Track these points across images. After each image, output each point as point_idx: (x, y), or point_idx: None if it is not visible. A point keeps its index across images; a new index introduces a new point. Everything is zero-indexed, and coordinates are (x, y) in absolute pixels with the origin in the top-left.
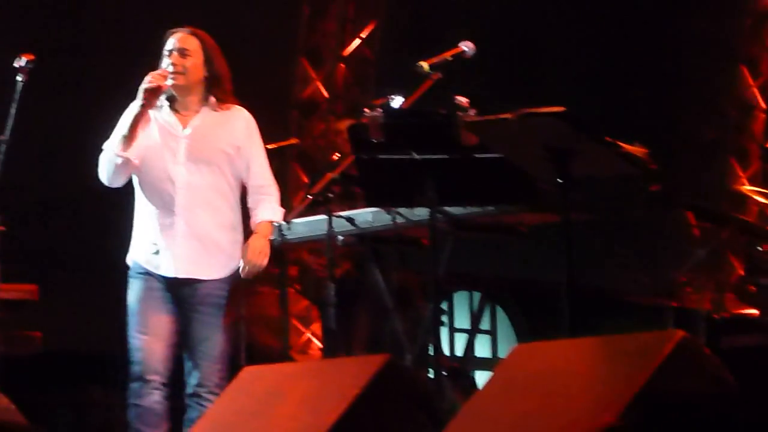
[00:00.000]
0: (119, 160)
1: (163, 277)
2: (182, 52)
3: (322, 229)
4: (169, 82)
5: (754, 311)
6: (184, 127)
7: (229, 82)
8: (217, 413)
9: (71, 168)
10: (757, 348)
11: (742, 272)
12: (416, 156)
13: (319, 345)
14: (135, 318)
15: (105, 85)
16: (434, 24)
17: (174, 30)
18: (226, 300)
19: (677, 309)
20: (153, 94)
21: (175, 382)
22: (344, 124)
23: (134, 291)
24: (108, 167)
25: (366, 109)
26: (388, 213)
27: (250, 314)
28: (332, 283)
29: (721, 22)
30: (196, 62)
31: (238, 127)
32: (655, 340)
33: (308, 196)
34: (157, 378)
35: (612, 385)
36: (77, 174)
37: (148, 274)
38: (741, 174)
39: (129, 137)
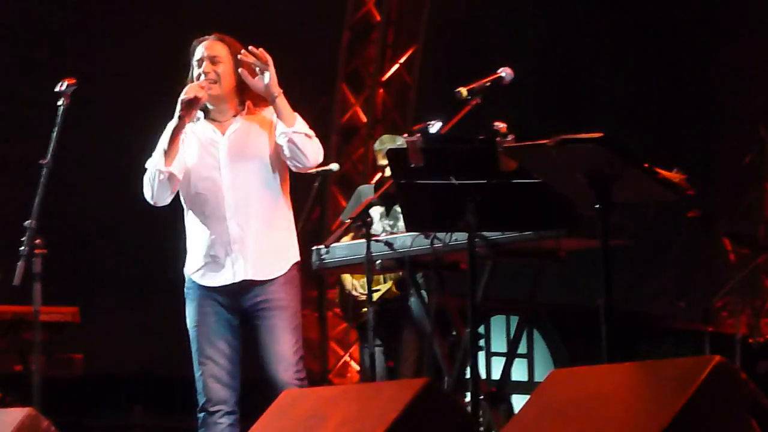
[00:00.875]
0: (163, 176)
1: (222, 288)
2: (213, 60)
3: (361, 253)
4: (205, 94)
5: None
6: (223, 133)
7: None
8: None
9: (110, 190)
10: None
11: None
12: (455, 181)
13: (357, 368)
14: (194, 345)
15: (143, 107)
16: (473, 50)
17: (200, 38)
18: (288, 299)
19: (713, 334)
20: (191, 105)
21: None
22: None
23: (190, 316)
24: (152, 184)
25: (405, 134)
26: (427, 237)
27: None
28: (371, 307)
29: (758, 47)
30: (227, 69)
31: (273, 119)
32: (693, 365)
33: (347, 219)
34: (222, 407)
35: (649, 410)
36: (116, 196)
37: (202, 292)
38: None
39: (170, 151)
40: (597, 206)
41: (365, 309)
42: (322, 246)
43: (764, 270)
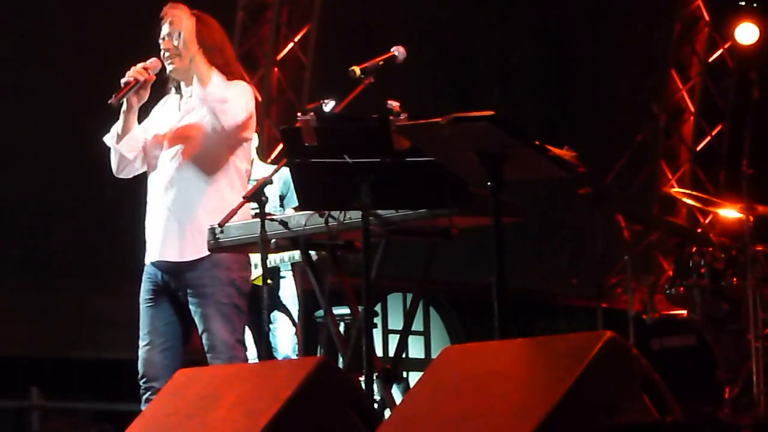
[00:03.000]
0: (113, 152)
1: (152, 267)
2: (171, 35)
3: (256, 232)
4: (170, 67)
5: (682, 312)
6: (179, 109)
7: (229, 52)
8: (151, 415)
9: (7, 174)
10: (685, 348)
11: (671, 273)
12: (349, 160)
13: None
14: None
15: (46, 98)
16: (367, 28)
17: (162, 13)
18: (217, 286)
19: (607, 310)
20: (132, 87)
21: None
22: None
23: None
24: (111, 158)
25: (299, 113)
26: (321, 216)
27: None
28: (265, 287)
29: (652, 27)
30: (186, 37)
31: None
32: (584, 340)
33: (242, 198)
34: (153, 384)
35: (542, 385)
36: (10, 174)
37: (147, 270)
38: (670, 177)
39: (118, 132)
40: (489, 184)
41: None
42: (216, 225)
43: (657, 246)
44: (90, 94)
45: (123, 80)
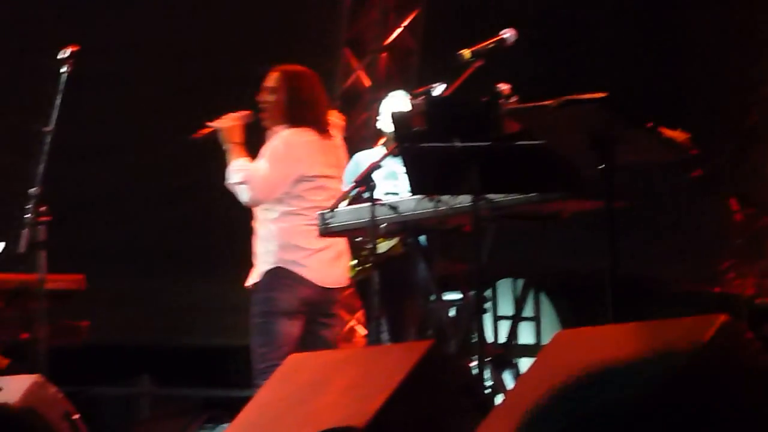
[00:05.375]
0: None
1: None
2: (267, 90)
3: (366, 217)
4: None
5: None
6: None
7: (304, 108)
8: (263, 400)
9: (114, 157)
10: None
11: None
12: (458, 144)
13: (363, 332)
14: None
15: (147, 75)
16: (476, 11)
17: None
18: (253, 308)
19: (720, 295)
20: (222, 132)
21: None
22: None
23: None
24: None
25: (409, 98)
26: (431, 201)
27: None
28: (376, 271)
29: (764, 7)
30: (278, 98)
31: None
32: (698, 324)
33: (353, 182)
34: None
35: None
36: (121, 163)
37: None
38: None
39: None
40: (600, 167)
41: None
42: (327, 210)
43: None
44: (191, 82)
45: (210, 123)
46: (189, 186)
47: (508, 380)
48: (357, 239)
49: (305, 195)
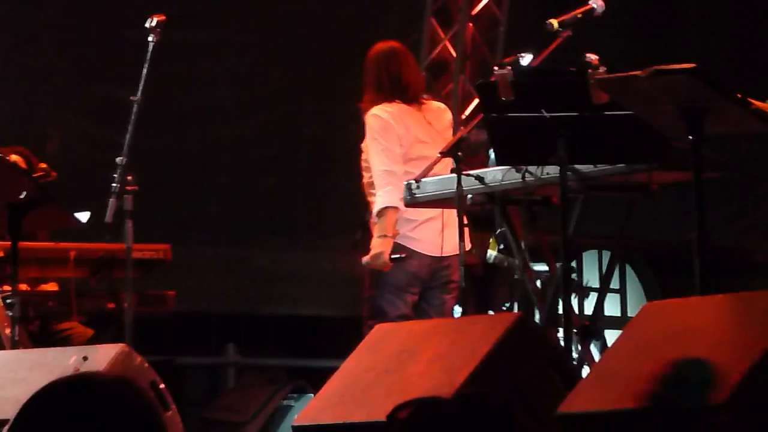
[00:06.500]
0: None
1: None
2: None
3: (452, 188)
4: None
5: None
6: None
7: (369, 89)
8: (350, 370)
9: (201, 127)
10: None
11: None
12: (546, 114)
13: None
14: None
15: (233, 46)
16: None
17: None
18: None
19: None
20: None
21: None
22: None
23: None
24: None
25: (495, 68)
26: (518, 171)
27: None
28: (461, 241)
29: None
30: (367, 80)
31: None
32: None
33: (438, 154)
34: None
35: (743, 342)
36: (207, 133)
37: None
38: None
39: None
40: (689, 138)
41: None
42: (413, 181)
43: None
44: (283, 51)
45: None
46: (276, 156)
47: (595, 352)
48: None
49: (406, 167)
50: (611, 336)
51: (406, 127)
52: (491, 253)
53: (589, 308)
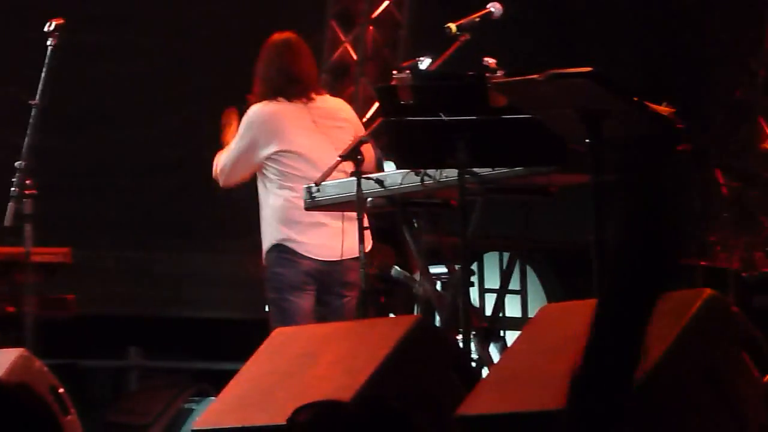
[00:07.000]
0: None
1: None
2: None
3: (352, 191)
4: None
5: None
6: None
7: (258, 82)
8: (251, 373)
9: (101, 131)
10: None
11: None
12: (445, 117)
13: None
14: None
15: (134, 48)
16: None
17: None
18: (267, 281)
19: (707, 268)
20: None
21: None
22: None
23: None
24: None
25: (395, 71)
26: (418, 175)
27: None
28: (362, 244)
29: None
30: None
31: None
32: (685, 298)
33: (338, 157)
34: None
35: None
36: (107, 136)
37: None
38: None
39: None
40: (587, 141)
41: None
42: (313, 184)
43: (757, 204)
44: (186, 54)
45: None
46: (178, 158)
47: (495, 353)
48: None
49: (288, 169)
50: (513, 338)
51: (282, 126)
52: (395, 268)
53: (489, 309)
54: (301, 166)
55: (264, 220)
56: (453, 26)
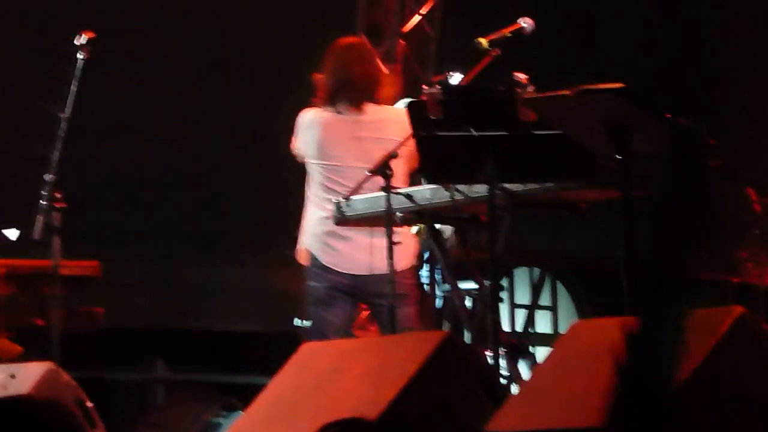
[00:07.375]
0: None
1: None
2: None
3: (382, 206)
4: None
5: None
6: None
7: (319, 87)
8: (277, 389)
9: (130, 143)
10: None
11: None
12: (475, 133)
13: None
14: None
15: (161, 61)
16: (495, 0)
17: None
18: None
19: (738, 285)
20: None
21: None
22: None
23: None
24: None
25: (425, 86)
26: (447, 190)
27: None
28: (390, 260)
29: None
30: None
31: None
32: (715, 316)
33: (367, 172)
34: None
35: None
36: (136, 149)
37: None
38: None
39: None
40: (617, 157)
41: None
42: (342, 198)
43: None
44: (215, 67)
45: None
46: (206, 170)
47: (524, 370)
48: None
49: (323, 180)
50: (543, 353)
51: (320, 137)
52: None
53: (520, 325)
54: (334, 178)
55: (303, 222)
56: (484, 41)
